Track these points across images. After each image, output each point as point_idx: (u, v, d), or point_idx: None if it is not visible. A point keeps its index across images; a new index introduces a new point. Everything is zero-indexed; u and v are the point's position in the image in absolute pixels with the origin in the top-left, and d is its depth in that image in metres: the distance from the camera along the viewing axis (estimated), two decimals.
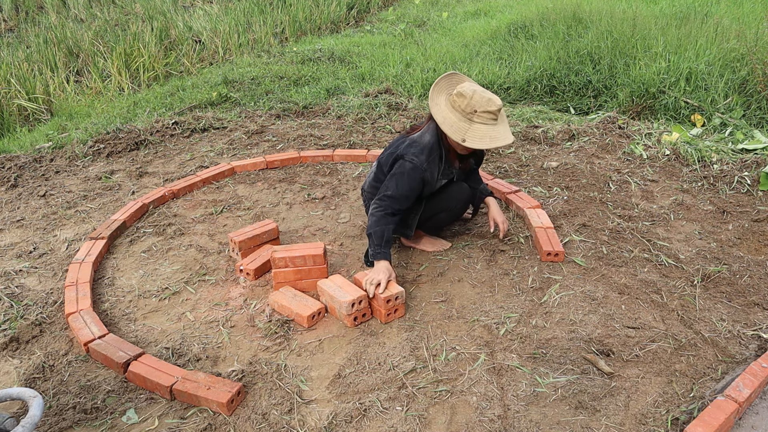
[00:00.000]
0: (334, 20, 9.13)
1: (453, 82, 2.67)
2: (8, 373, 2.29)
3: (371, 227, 2.59)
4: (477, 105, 2.50)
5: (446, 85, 2.65)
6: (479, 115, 2.51)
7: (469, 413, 2.00)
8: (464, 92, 2.52)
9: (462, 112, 2.53)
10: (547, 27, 6.36)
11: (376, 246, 2.57)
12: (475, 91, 2.52)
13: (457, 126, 2.52)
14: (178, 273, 2.91)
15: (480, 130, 2.52)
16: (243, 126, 4.83)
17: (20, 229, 3.42)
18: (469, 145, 2.52)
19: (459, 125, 2.52)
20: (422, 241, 3.00)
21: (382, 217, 2.59)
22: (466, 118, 2.53)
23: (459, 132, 2.52)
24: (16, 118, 5.71)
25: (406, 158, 2.61)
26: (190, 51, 7.53)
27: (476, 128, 2.52)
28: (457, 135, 2.52)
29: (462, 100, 2.52)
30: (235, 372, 2.21)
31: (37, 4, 10.35)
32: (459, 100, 2.53)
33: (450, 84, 2.66)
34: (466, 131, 2.51)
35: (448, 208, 2.86)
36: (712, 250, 2.89)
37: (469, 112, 2.52)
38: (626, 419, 1.95)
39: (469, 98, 2.51)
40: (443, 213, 2.86)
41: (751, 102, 4.40)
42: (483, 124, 2.52)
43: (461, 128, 2.52)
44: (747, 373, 2.03)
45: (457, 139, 2.52)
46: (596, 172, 3.72)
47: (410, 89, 5.50)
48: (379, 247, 2.56)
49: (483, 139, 2.52)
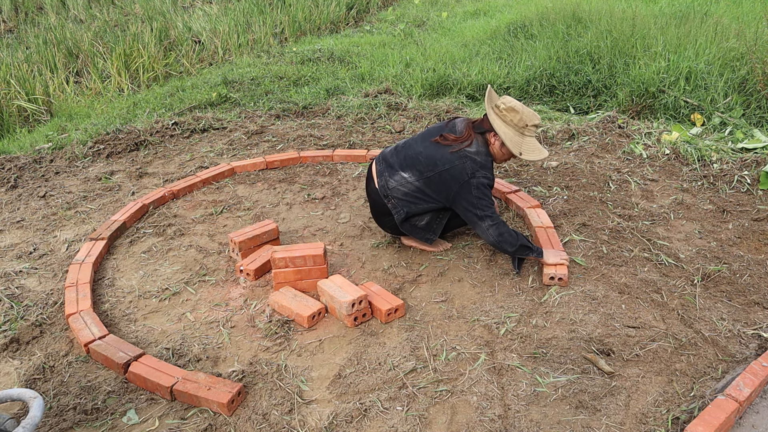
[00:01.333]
0: (333, 20, 9.13)
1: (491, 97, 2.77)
2: (8, 374, 2.29)
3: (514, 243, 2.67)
4: (528, 120, 2.65)
5: (488, 99, 2.76)
6: (529, 129, 2.68)
7: (469, 413, 2.00)
8: (515, 107, 2.66)
9: (515, 126, 2.66)
10: (546, 26, 6.36)
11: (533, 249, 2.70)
12: (522, 106, 2.68)
13: (515, 141, 2.67)
14: (178, 273, 2.91)
15: (531, 144, 2.69)
16: (243, 126, 4.83)
17: (20, 230, 3.42)
18: (525, 158, 2.67)
19: (516, 140, 2.67)
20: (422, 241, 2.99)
21: (505, 229, 2.68)
22: (519, 132, 2.67)
23: (517, 146, 2.67)
24: (16, 119, 5.71)
25: (478, 175, 2.67)
26: (189, 51, 7.53)
27: (528, 141, 2.69)
28: (516, 149, 2.67)
29: (515, 116, 2.65)
30: (236, 372, 2.21)
31: (37, 4, 10.34)
32: (510, 115, 2.66)
33: (489, 99, 2.76)
34: (521, 145, 2.67)
35: None
36: (712, 249, 2.89)
37: (521, 127, 2.66)
38: (627, 419, 1.95)
39: (521, 113, 2.65)
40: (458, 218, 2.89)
41: (750, 101, 4.39)
42: (531, 137, 2.70)
43: (518, 143, 2.67)
44: (747, 372, 2.03)
45: (516, 152, 2.67)
46: (596, 172, 3.72)
47: (410, 89, 5.50)
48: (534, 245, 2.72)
49: (534, 152, 2.69)
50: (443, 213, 2.85)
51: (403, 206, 2.79)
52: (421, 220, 2.85)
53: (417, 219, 2.85)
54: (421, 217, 2.85)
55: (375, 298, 2.51)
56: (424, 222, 2.86)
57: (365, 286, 2.61)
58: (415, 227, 2.86)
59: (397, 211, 2.81)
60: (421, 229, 2.87)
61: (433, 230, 2.87)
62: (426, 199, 2.77)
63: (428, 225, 2.86)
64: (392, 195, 2.81)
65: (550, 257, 2.70)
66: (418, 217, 2.85)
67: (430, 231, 2.87)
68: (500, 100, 2.71)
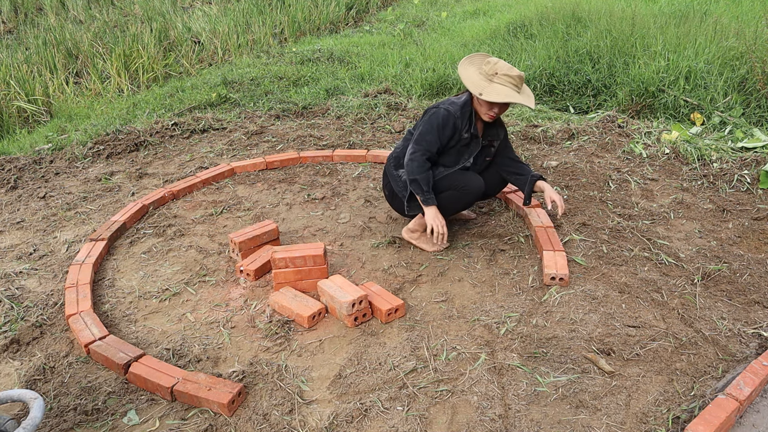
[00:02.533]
0: (333, 20, 9.13)
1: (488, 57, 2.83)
2: (9, 375, 2.29)
3: (415, 172, 2.74)
4: (499, 69, 2.69)
5: (480, 61, 2.81)
6: (500, 77, 2.67)
7: (470, 413, 2.00)
8: (491, 59, 2.76)
9: (485, 74, 2.72)
10: (546, 26, 6.36)
11: (425, 192, 2.75)
12: (500, 60, 2.73)
13: (478, 83, 2.70)
14: (179, 274, 2.91)
15: (497, 88, 2.67)
16: (242, 127, 4.83)
17: (20, 230, 3.42)
18: (485, 98, 2.65)
19: (479, 82, 2.70)
20: (422, 238, 2.99)
21: (423, 162, 2.75)
22: (487, 79, 2.71)
23: (477, 87, 2.68)
24: (16, 119, 5.71)
25: (441, 107, 2.78)
26: (189, 52, 7.53)
27: (494, 87, 2.68)
28: (476, 89, 2.68)
29: (487, 66, 2.73)
30: (236, 373, 2.21)
31: (36, 5, 10.34)
32: (485, 66, 2.74)
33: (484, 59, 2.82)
34: (484, 88, 2.68)
35: (454, 187, 2.84)
36: (712, 248, 2.89)
37: (491, 74, 2.70)
38: (627, 418, 1.95)
39: (494, 63, 2.71)
40: (449, 192, 2.85)
41: (750, 100, 4.39)
42: (502, 85, 2.67)
43: (480, 84, 2.69)
44: (748, 371, 2.03)
45: (475, 92, 2.68)
46: (596, 171, 3.72)
47: (409, 89, 5.50)
48: (428, 193, 2.76)
49: (499, 95, 2.65)
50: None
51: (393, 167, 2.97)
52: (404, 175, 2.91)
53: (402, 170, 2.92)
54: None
55: (375, 298, 2.51)
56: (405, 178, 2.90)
57: (365, 286, 2.61)
58: (397, 184, 2.94)
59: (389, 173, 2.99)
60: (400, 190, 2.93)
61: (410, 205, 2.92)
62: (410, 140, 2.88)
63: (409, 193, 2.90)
64: (391, 157, 3.01)
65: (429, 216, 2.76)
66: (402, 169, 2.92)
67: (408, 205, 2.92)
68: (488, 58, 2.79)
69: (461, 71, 2.79)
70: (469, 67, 2.83)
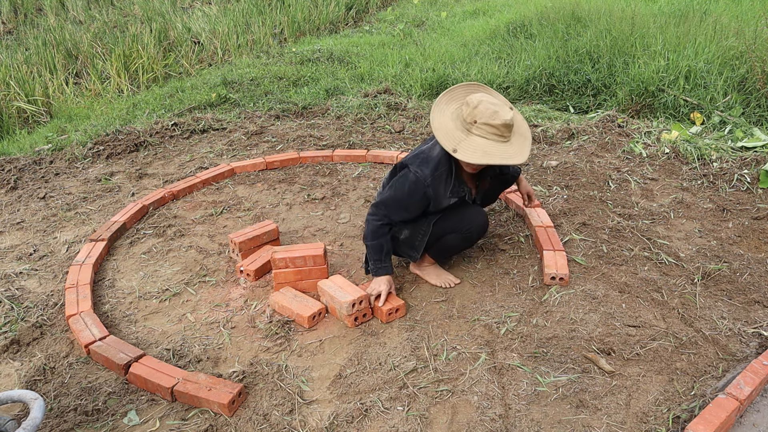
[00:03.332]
0: (332, 20, 9.13)
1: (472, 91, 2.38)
2: (9, 376, 2.29)
3: (368, 238, 2.48)
4: (479, 115, 2.20)
5: (463, 94, 2.38)
6: (479, 126, 2.21)
7: (470, 413, 2.00)
8: (470, 100, 2.25)
9: (462, 121, 2.26)
10: (545, 26, 6.36)
11: (376, 261, 2.49)
12: (482, 101, 2.22)
13: (452, 135, 2.23)
14: (179, 274, 2.91)
15: (475, 143, 2.21)
16: (242, 127, 4.83)
17: (20, 231, 3.42)
18: (459, 157, 2.24)
19: (454, 134, 2.23)
20: (428, 270, 2.73)
21: (378, 228, 2.45)
22: (465, 128, 2.25)
23: (451, 141, 2.22)
24: (16, 120, 5.71)
25: (411, 168, 2.38)
26: (189, 52, 7.53)
27: (472, 140, 2.22)
28: (448, 144, 2.22)
29: (466, 108, 2.26)
30: (236, 373, 2.21)
31: (36, 6, 10.34)
32: (464, 108, 2.27)
33: (468, 93, 2.37)
34: (460, 141, 2.22)
35: (457, 230, 2.56)
36: (712, 248, 2.89)
37: (468, 122, 2.24)
38: (627, 418, 1.95)
39: (473, 107, 2.22)
40: (451, 235, 2.57)
41: (750, 100, 4.39)
42: (482, 137, 2.22)
43: (455, 138, 2.23)
44: (748, 370, 2.03)
45: (448, 148, 2.22)
46: (596, 171, 3.72)
47: (409, 89, 5.50)
48: (379, 262, 2.48)
49: (476, 152, 2.20)
50: (423, 227, 2.56)
51: None
52: (401, 233, 2.59)
53: (396, 231, 2.58)
54: (400, 230, 2.58)
55: None
56: (404, 236, 2.59)
57: (365, 286, 2.61)
58: (396, 240, 2.61)
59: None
60: (403, 243, 2.61)
61: (414, 247, 2.59)
62: None
63: (409, 239, 2.59)
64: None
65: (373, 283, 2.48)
66: (397, 229, 2.58)
67: (412, 248, 2.60)
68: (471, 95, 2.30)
69: (435, 115, 2.29)
70: (446, 107, 2.34)
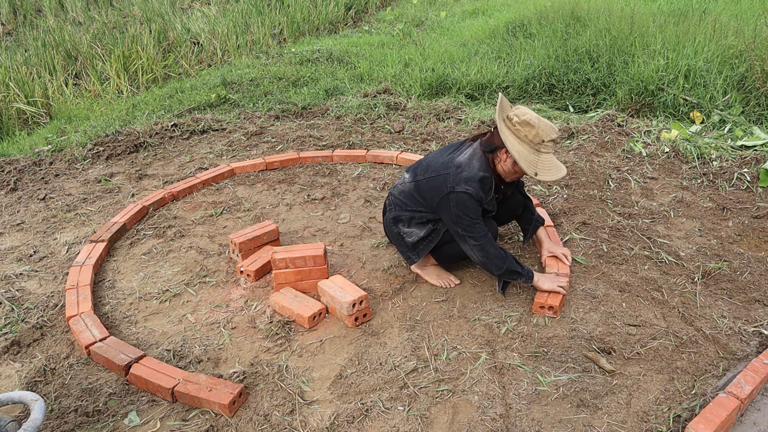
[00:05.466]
0: (332, 21, 9.13)
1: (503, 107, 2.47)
2: (10, 377, 2.29)
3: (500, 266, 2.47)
4: (544, 134, 2.35)
5: (499, 110, 2.45)
6: (545, 145, 2.37)
7: (470, 412, 2.00)
8: (531, 121, 2.34)
9: (530, 143, 2.36)
10: (545, 25, 6.36)
11: (521, 273, 2.50)
12: (539, 119, 2.37)
13: (530, 160, 2.36)
14: (179, 275, 2.91)
15: (547, 161, 2.39)
16: (242, 127, 4.83)
17: (20, 232, 3.42)
18: (542, 178, 2.38)
19: (531, 158, 2.37)
20: (428, 270, 2.75)
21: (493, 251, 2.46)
22: (535, 149, 2.37)
23: (532, 165, 2.37)
24: (15, 121, 5.71)
25: (459, 190, 2.42)
26: (188, 53, 7.53)
27: (544, 159, 2.39)
28: (531, 169, 2.37)
29: (530, 130, 2.35)
30: (237, 373, 2.21)
31: (35, 7, 10.34)
32: (525, 130, 2.35)
33: (502, 109, 2.45)
34: (537, 164, 2.37)
35: None
36: (712, 247, 2.89)
37: (537, 143, 2.36)
38: (628, 417, 1.95)
39: (537, 127, 2.34)
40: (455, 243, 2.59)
41: (749, 98, 4.39)
42: (547, 153, 2.40)
43: (533, 162, 2.37)
44: (748, 369, 2.03)
45: (530, 173, 2.37)
46: (596, 170, 3.72)
47: (409, 89, 5.50)
48: (523, 269, 2.51)
49: (551, 170, 2.38)
50: (432, 236, 2.63)
51: (396, 205, 2.69)
52: (409, 236, 2.65)
53: (406, 231, 2.65)
54: (410, 231, 2.64)
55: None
56: (412, 239, 2.65)
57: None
58: (401, 239, 2.67)
59: (390, 209, 2.73)
60: (406, 245, 2.67)
61: (417, 251, 2.65)
62: (415, 202, 2.61)
63: (414, 245, 2.65)
64: (391, 192, 2.76)
65: (545, 283, 2.50)
66: (407, 229, 2.65)
67: (414, 251, 2.66)
68: (513, 111, 2.41)
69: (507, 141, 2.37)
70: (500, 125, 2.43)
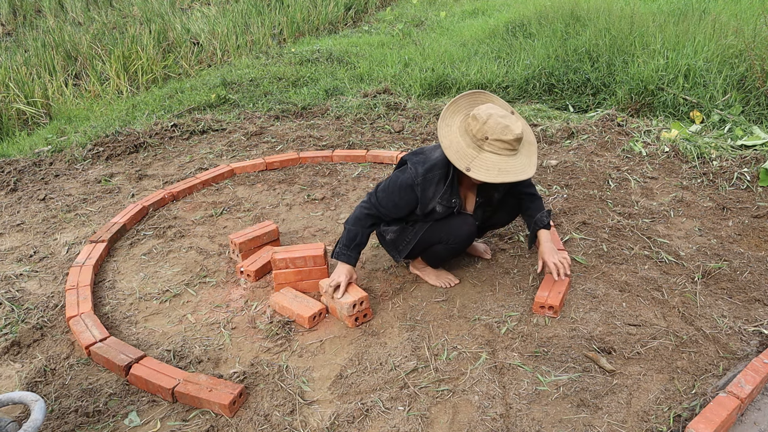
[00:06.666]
0: (331, 21, 9.13)
1: (477, 101, 2.33)
2: (10, 377, 2.29)
3: (349, 222, 2.45)
4: (490, 131, 2.16)
5: (467, 105, 2.31)
6: (491, 143, 2.17)
7: (471, 412, 2.00)
8: (479, 115, 2.18)
9: (473, 137, 2.20)
10: (545, 25, 6.36)
11: (344, 246, 2.44)
12: (491, 115, 2.17)
13: (463, 153, 2.19)
14: (179, 275, 2.91)
15: (489, 160, 2.18)
16: (242, 127, 4.83)
17: (20, 233, 3.42)
18: (473, 176, 2.19)
19: (466, 152, 2.19)
20: (427, 270, 2.72)
21: (363, 216, 2.43)
22: (476, 145, 2.20)
23: (464, 159, 2.18)
24: (15, 122, 5.71)
25: (408, 165, 2.37)
26: (188, 53, 7.53)
27: (485, 157, 2.18)
28: (461, 163, 2.18)
29: (475, 124, 2.19)
30: (237, 373, 2.21)
31: (35, 7, 10.34)
32: (472, 123, 2.20)
33: (473, 103, 2.32)
34: (473, 159, 2.18)
35: (444, 241, 2.52)
36: (712, 246, 2.89)
37: (479, 138, 2.18)
38: (628, 416, 1.95)
39: (482, 123, 2.16)
40: (439, 246, 2.54)
41: (749, 98, 4.39)
42: (494, 153, 2.18)
43: (467, 156, 2.19)
44: (749, 369, 2.03)
45: (461, 167, 2.19)
46: (596, 170, 3.72)
47: (409, 89, 5.50)
48: (346, 248, 2.43)
49: (490, 171, 2.17)
50: (408, 234, 2.54)
51: None
52: (387, 233, 2.59)
53: (384, 229, 2.60)
54: (387, 229, 2.59)
55: None
56: (390, 237, 2.59)
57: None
58: (383, 237, 2.64)
59: None
60: (388, 243, 2.63)
61: (398, 249, 2.59)
62: None
63: (394, 242, 2.59)
64: None
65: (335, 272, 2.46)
66: (385, 227, 2.59)
67: (396, 249, 2.60)
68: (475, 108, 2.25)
69: (443, 131, 2.24)
70: (452, 120, 2.28)
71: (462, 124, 2.27)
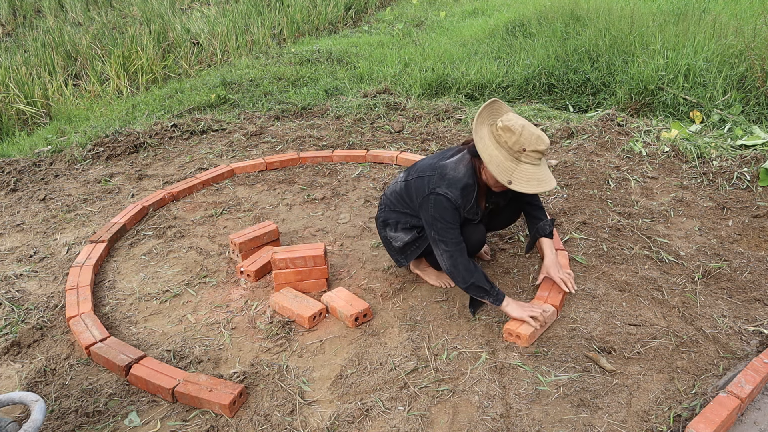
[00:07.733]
0: (331, 21, 9.14)
1: (494, 111, 2.38)
2: (10, 378, 2.29)
3: (465, 278, 2.31)
4: (526, 143, 2.20)
5: (488, 115, 2.35)
6: (528, 154, 2.21)
7: (471, 412, 2.00)
8: (513, 127, 2.21)
9: (509, 150, 2.23)
10: (545, 25, 6.36)
11: (489, 292, 2.33)
12: (524, 127, 2.22)
13: (504, 166, 2.23)
14: (179, 275, 2.91)
15: (527, 172, 2.23)
16: (242, 127, 4.83)
17: (20, 233, 3.42)
18: (515, 188, 2.22)
19: (506, 165, 2.23)
20: (428, 271, 2.76)
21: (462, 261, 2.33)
22: (514, 157, 2.23)
23: (506, 173, 2.22)
24: (15, 122, 5.71)
25: (438, 192, 2.32)
26: (188, 53, 7.53)
27: (523, 169, 2.23)
28: (504, 176, 2.22)
29: (510, 136, 2.21)
30: (237, 374, 2.21)
31: (35, 8, 10.34)
32: (506, 136, 2.22)
33: (491, 113, 2.36)
34: (513, 172, 2.22)
35: None
36: (712, 246, 2.89)
37: (517, 150, 2.22)
38: (628, 416, 1.95)
39: (518, 135, 2.20)
40: None
41: (749, 98, 4.39)
42: (530, 164, 2.23)
43: (508, 169, 2.23)
44: (749, 369, 2.03)
45: (503, 181, 2.22)
46: (596, 170, 3.72)
47: (409, 89, 5.50)
48: (493, 289, 2.34)
49: (530, 182, 2.22)
50: (420, 242, 2.56)
51: (386, 205, 2.62)
52: (396, 240, 2.59)
53: (393, 236, 2.60)
54: (396, 236, 2.59)
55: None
56: (398, 244, 2.59)
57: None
58: (389, 243, 2.63)
59: (381, 209, 2.67)
60: (394, 249, 2.63)
61: (405, 255, 2.61)
62: (403, 203, 2.53)
63: (402, 249, 2.60)
64: (385, 191, 2.70)
65: (514, 310, 2.32)
66: (394, 234, 2.59)
67: (402, 255, 2.62)
68: (501, 117, 2.30)
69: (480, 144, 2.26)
70: (481, 131, 2.30)
71: (491, 136, 2.29)
